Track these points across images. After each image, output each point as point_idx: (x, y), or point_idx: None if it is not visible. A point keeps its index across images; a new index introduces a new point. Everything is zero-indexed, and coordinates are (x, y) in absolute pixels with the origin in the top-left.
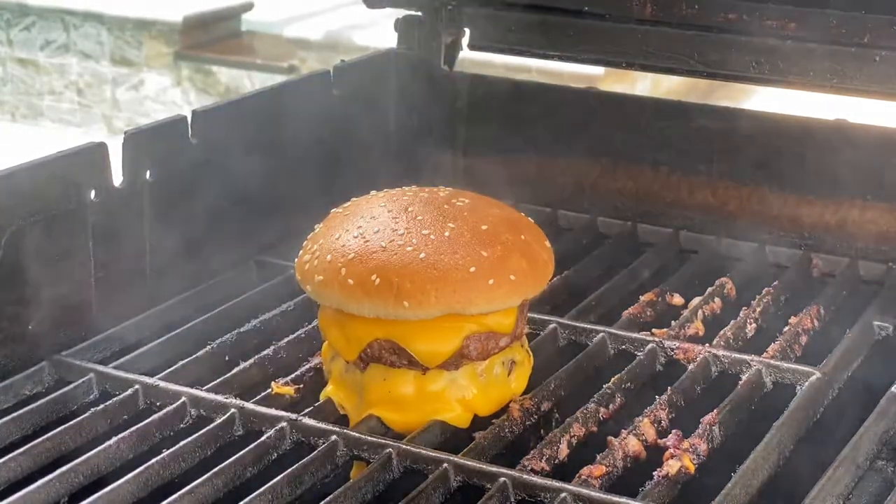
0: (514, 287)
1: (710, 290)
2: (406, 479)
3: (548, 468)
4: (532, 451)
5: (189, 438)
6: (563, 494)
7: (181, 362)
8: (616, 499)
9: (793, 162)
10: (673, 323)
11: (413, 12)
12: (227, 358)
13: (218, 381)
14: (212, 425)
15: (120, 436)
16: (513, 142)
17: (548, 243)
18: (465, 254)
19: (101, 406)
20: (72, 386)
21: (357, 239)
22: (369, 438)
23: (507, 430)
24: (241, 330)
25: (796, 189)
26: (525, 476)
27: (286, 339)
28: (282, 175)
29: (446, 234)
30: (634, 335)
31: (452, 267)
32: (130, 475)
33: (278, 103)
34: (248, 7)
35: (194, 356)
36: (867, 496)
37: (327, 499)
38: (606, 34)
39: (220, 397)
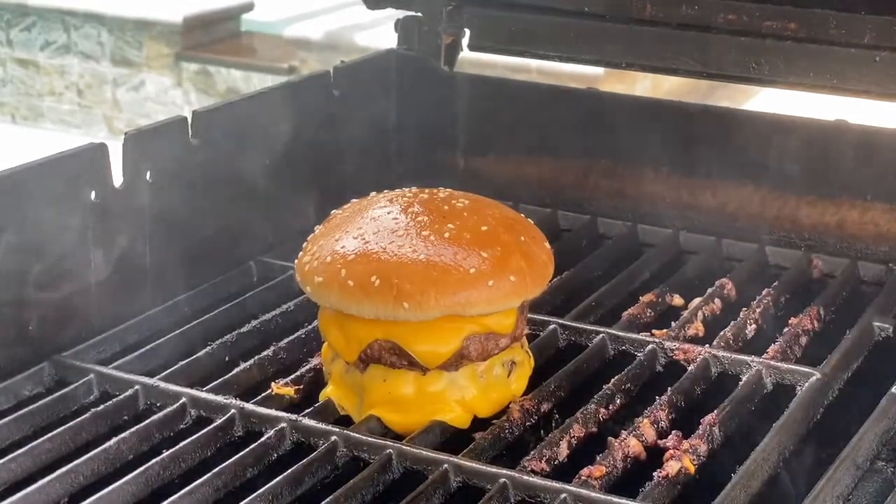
0: (513, 288)
1: (710, 290)
2: (406, 479)
3: (548, 469)
4: (532, 452)
5: (189, 439)
6: (563, 495)
7: (181, 363)
8: (616, 499)
9: (793, 162)
10: (673, 324)
11: (413, 13)
12: (227, 358)
13: (218, 381)
14: (212, 426)
15: (120, 436)
16: (513, 142)
17: (547, 244)
18: (464, 255)
19: (102, 407)
20: (72, 387)
21: (357, 240)
22: (369, 439)
23: (506, 431)
24: (241, 330)
25: (796, 189)
26: (525, 477)
27: (286, 340)
28: (282, 176)
29: (446, 235)
30: (634, 336)
31: (452, 268)
32: (130, 476)
33: (278, 104)
34: (249, 7)
35: (194, 357)
36: (867, 496)
37: (327, 500)
38: (606, 34)
39: (220, 398)
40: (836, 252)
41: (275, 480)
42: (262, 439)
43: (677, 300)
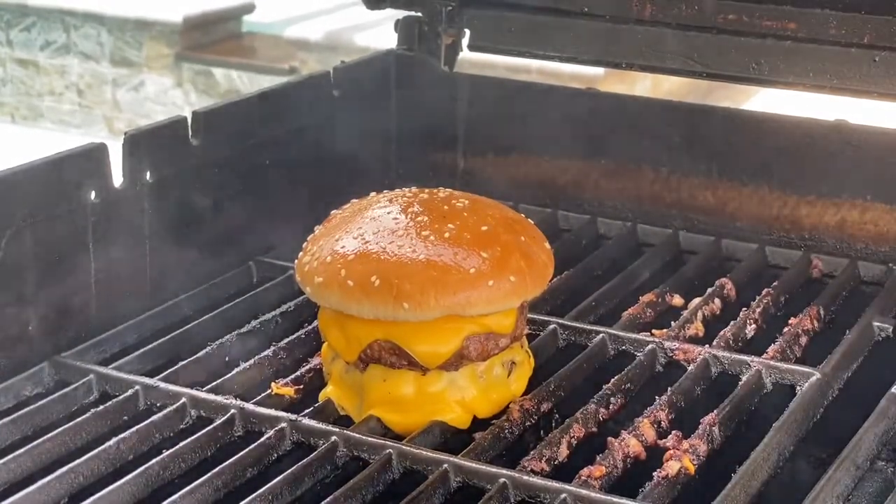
0: (513, 288)
1: (709, 290)
2: (406, 480)
3: (548, 469)
4: (532, 452)
5: (189, 439)
6: (562, 495)
7: (181, 363)
8: (616, 500)
9: (793, 162)
10: (673, 324)
11: (413, 13)
12: (227, 359)
13: (218, 381)
14: (212, 426)
15: (120, 437)
16: (513, 142)
17: (547, 244)
18: (464, 255)
19: (102, 407)
20: (72, 387)
21: (357, 240)
22: (369, 439)
23: (506, 431)
24: (241, 331)
25: (796, 189)
26: (525, 477)
27: (286, 340)
28: (282, 176)
29: (446, 235)
30: (634, 336)
31: (452, 268)
32: (131, 476)
33: (278, 104)
34: (249, 8)
35: (194, 357)
36: (867, 496)
37: (327, 500)
38: (606, 35)
39: (220, 398)
40: (836, 252)
41: (275, 480)
42: (262, 439)
43: (677, 300)
